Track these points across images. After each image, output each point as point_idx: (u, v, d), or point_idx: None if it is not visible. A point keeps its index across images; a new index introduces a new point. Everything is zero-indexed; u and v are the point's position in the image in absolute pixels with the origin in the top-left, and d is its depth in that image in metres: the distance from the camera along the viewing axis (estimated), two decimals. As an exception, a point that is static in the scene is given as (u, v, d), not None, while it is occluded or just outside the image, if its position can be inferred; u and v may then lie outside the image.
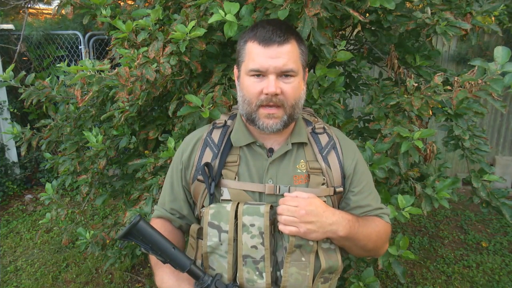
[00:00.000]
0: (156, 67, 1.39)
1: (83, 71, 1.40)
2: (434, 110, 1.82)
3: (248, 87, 1.00)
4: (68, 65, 1.89)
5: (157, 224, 1.11)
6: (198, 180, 1.06)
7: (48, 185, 2.02)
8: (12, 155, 4.76)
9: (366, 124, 2.01)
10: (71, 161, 2.15)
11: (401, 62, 2.04)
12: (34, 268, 3.23)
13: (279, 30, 0.97)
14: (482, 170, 1.88)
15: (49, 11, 6.61)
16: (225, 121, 1.13)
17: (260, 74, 0.98)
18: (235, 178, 1.03)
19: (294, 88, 0.99)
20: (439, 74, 1.62)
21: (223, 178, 1.04)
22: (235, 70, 1.10)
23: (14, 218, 4.12)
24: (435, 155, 1.95)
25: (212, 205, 1.00)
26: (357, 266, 1.99)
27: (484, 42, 4.53)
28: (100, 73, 1.41)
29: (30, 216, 4.16)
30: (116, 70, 1.32)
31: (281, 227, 0.95)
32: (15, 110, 4.67)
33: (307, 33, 1.25)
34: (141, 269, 3.17)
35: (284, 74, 0.97)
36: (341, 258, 1.02)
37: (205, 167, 1.03)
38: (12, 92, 4.63)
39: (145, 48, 1.56)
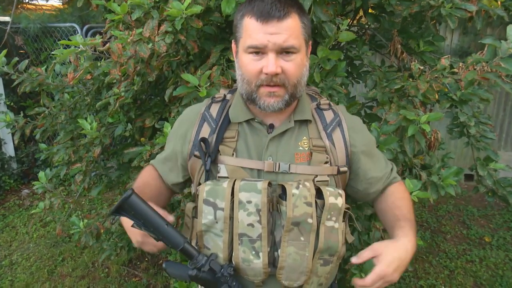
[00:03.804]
0: (151, 46, 1.33)
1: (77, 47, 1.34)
2: (439, 96, 1.77)
3: (247, 65, 0.93)
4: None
5: (149, 171, 1.15)
6: (195, 156, 1.01)
7: (41, 174, 1.97)
8: (9, 149, 4.71)
9: (369, 111, 1.96)
10: (66, 150, 2.10)
11: (405, 48, 1.99)
12: (29, 262, 3.18)
13: (279, 2, 0.89)
14: (488, 158, 1.83)
15: (48, 7, 6.56)
16: (225, 95, 1.08)
17: (259, 51, 0.90)
18: (233, 154, 0.98)
19: (296, 66, 0.92)
20: (446, 56, 1.56)
21: (220, 154, 0.98)
22: (233, 45, 1.03)
23: (10, 212, 4.06)
24: (439, 143, 1.90)
25: (207, 182, 0.95)
26: (359, 258, 1.94)
27: (487, 35, 4.48)
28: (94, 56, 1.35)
29: (27, 210, 4.10)
30: (107, 45, 1.27)
31: None
32: (12, 104, 4.62)
33: (308, 6, 1.19)
34: (138, 263, 3.11)
35: (285, 51, 0.90)
36: (342, 240, 0.97)
37: (202, 143, 0.98)
38: (8, 85, 4.57)
39: (141, 30, 1.51)
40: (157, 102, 2.11)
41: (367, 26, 2.17)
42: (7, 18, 4.60)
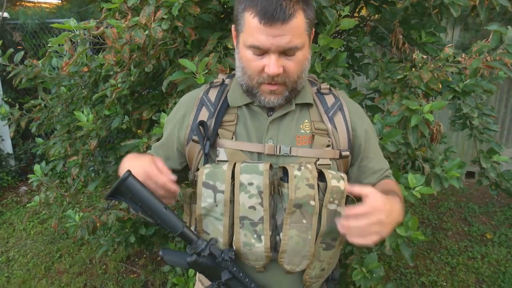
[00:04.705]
0: (147, 33, 1.30)
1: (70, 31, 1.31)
2: (442, 88, 1.73)
3: (248, 61, 0.90)
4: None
5: None
6: (193, 140, 0.98)
7: (37, 167, 1.94)
8: (7, 146, 4.67)
9: (370, 103, 1.92)
10: (62, 143, 2.07)
11: (406, 39, 1.95)
12: (26, 258, 3.15)
13: (284, 1, 0.82)
14: (492, 150, 1.79)
15: (47, 5, 6.54)
16: (223, 80, 1.05)
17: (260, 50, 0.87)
18: (232, 137, 0.95)
19: (298, 63, 0.89)
20: (450, 45, 1.53)
21: (219, 137, 0.95)
22: (233, 30, 0.97)
23: (8, 209, 4.03)
24: (441, 135, 1.87)
25: (207, 165, 0.92)
26: (360, 252, 1.91)
27: (488, 30, 4.44)
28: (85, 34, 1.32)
29: (24, 207, 4.07)
30: (101, 28, 1.23)
31: (362, 240, 0.81)
32: (10, 100, 4.58)
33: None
34: (136, 259, 3.08)
35: (287, 50, 0.87)
36: None
37: (200, 126, 0.95)
38: (6, 81, 4.54)
39: (137, 18, 1.47)
40: (155, 95, 2.08)
41: (368, 18, 2.14)
42: (5, 14, 4.57)
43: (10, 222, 3.77)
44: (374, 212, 0.80)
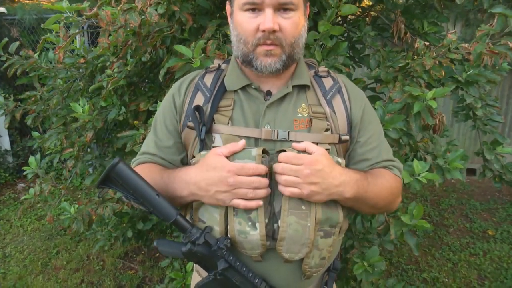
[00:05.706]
0: (143, 18, 1.26)
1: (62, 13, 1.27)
2: (444, 78, 1.70)
3: (243, 23, 0.88)
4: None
5: (143, 168, 0.96)
6: (188, 127, 0.94)
7: (31, 159, 1.90)
8: (4, 143, 4.64)
9: (371, 93, 1.89)
10: (57, 135, 2.03)
11: (408, 29, 1.92)
12: (23, 255, 3.11)
13: None
14: (496, 142, 1.76)
15: (45, 3, 6.52)
16: (219, 65, 1.02)
17: (255, 8, 0.86)
18: (228, 123, 0.91)
19: (294, 24, 0.88)
20: (453, 31, 1.49)
21: (215, 123, 0.92)
22: (228, 6, 0.97)
23: (5, 206, 3.99)
24: (444, 126, 1.83)
25: (202, 152, 0.89)
26: (361, 246, 1.87)
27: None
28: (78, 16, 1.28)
29: (22, 204, 4.03)
30: (95, 10, 1.20)
31: (281, 188, 0.83)
32: (7, 96, 4.54)
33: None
34: (134, 255, 3.04)
35: (282, 7, 0.86)
36: (343, 212, 0.90)
37: (195, 111, 0.91)
38: (4, 78, 4.51)
39: (133, 5, 1.44)
40: (152, 86, 2.04)
41: (369, 9, 2.10)
42: (2, 9, 4.53)
43: (7, 218, 3.73)
44: (300, 163, 0.81)
